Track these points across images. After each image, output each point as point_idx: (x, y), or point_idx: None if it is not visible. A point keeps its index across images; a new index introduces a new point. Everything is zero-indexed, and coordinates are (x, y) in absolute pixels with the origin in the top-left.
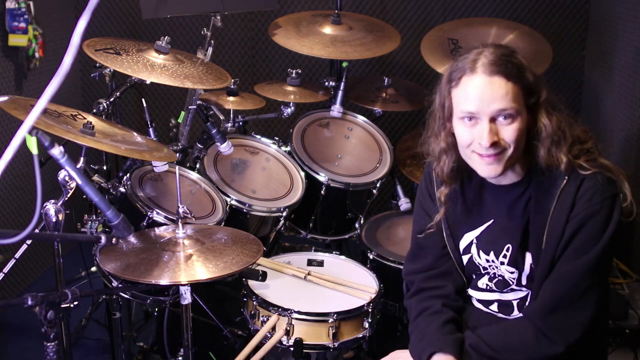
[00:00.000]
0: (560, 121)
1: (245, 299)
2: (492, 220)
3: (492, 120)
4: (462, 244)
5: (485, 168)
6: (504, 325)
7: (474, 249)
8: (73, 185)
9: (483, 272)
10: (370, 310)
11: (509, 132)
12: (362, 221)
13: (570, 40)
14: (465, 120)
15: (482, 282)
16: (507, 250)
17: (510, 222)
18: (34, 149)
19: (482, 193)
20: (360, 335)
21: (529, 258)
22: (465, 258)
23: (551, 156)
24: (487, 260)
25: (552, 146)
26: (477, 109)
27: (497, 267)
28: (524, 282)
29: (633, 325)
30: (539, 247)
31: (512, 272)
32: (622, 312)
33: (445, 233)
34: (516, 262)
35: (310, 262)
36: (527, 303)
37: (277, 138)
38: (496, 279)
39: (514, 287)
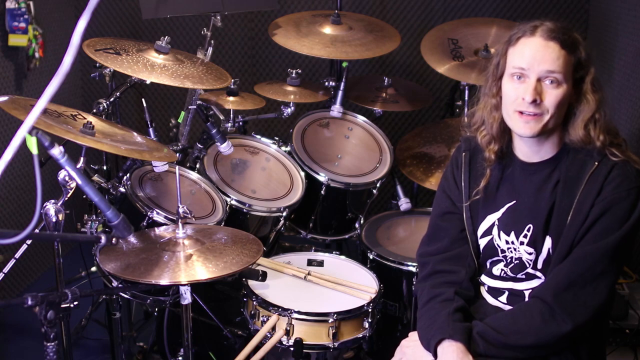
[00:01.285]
0: (602, 102)
1: (245, 299)
2: (514, 201)
3: (539, 80)
4: (483, 227)
5: (523, 125)
6: (511, 310)
7: (495, 230)
8: (73, 185)
9: (501, 255)
10: (370, 310)
11: (551, 96)
12: (362, 221)
13: None
14: (514, 77)
15: (498, 268)
16: (528, 230)
17: (536, 203)
18: (34, 149)
19: (509, 173)
20: (360, 335)
21: (548, 242)
22: (483, 241)
23: (588, 133)
24: (507, 242)
25: (590, 123)
26: (528, 66)
27: (515, 249)
28: (539, 265)
29: (633, 325)
30: (560, 231)
31: (530, 253)
32: (622, 312)
33: (465, 215)
34: (535, 243)
35: (310, 262)
36: None
37: (277, 138)
38: (513, 264)
39: (529, 270)
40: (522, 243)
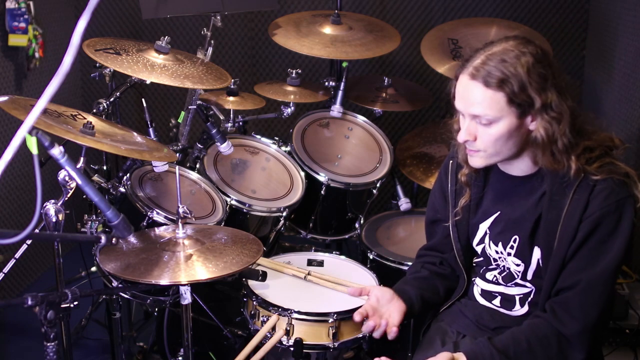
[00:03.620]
0: (564, 128)
1: (245, 299)
2: (499, 212)
3: (473, 119)
4: (478, 236)
5: (470, 158)
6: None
7: (486, 239)
8: (73, 185)
9: (494, 263)
10: None
11: (485, 134)
12: (362, 221)
13: (570, 40)
14: (459, 113)
15: (491, 274)
16: (514, 241)
17: (521, 214)
18: (34, 149)
19: (496, 183)
20: (360, 335)
21: (537, 253)
22: (479, 249)
23: (557, 161)
24: (497, 252)
25: (555, 151)
26: (460, 108)
27: (505, 259)
28: (529, 277)
29: (633, 325)
30: (549, 243)
31: (518, 265)
32: (622, 312)
33: (451, 223)
34: (523, 255)
35: (310, 262)
36: (530, 299)
37: (277, 138)
38: (504, 273)
39: (518, 281)
40: (509, 254)
